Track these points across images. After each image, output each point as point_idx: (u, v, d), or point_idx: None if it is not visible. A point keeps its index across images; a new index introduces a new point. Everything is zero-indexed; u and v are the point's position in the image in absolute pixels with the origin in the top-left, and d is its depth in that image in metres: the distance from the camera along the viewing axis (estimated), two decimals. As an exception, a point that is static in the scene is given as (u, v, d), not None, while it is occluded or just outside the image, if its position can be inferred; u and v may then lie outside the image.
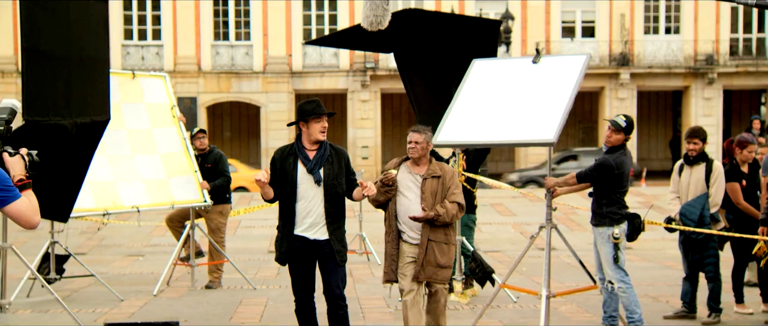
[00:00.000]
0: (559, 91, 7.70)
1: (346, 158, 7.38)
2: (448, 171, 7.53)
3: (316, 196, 7.14)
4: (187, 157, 11.27)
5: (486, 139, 8.13)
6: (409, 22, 9.62)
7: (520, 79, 8.14)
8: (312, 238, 7.16)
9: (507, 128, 7.78)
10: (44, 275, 10.55)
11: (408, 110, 34.60)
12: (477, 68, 8.47)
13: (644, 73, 33.27)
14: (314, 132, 7.14)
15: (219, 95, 32.68)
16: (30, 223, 4.77)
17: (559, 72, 7.95)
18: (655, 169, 34.72)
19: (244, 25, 32.85)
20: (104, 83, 8.33)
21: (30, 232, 16.55)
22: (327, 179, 7.13)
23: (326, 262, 7.24)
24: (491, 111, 8.00)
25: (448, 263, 7.52)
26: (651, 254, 14.99)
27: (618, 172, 8.20)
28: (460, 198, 7.41)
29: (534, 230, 8.54)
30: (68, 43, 7.79)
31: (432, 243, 7.42)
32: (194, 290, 11.47)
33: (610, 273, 8.25)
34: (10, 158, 4.93)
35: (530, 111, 7.71)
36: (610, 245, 8.22)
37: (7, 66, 31.25)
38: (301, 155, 7.17)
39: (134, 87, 11.29)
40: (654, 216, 11.00)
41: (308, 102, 7.25)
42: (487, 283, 10.21)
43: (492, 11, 31.93)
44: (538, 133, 7.49)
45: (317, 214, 7.15)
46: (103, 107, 8.27)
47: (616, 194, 8.26)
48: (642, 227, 8.37)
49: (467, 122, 8.02)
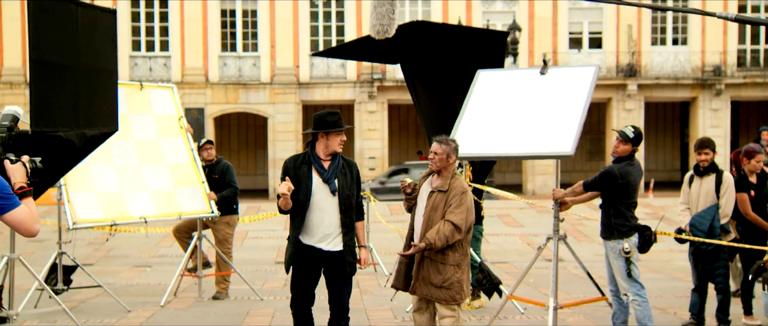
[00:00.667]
0: (570, 102, 7.61)
1: (357, 171, 7.38)
2: (456, 187, 7.20)
3: (331, 206, 7.12)
4: (195, 168, 11.28)
5: (502, 151, 7.94)
6: (416, 33, 9.62)
7: (528, 91, 8.06)
8: (325, 249, 7.14)
9: (522, 140, 7.63)
10: (52, 286, 10.55)
11: (415, 121, 34.61)
12: (483, 79, 8.40)
13: (652, 84, 33.22)
14: (333, 144, 7.13)
15: (226, 106, 32.73)
16: (30, 231, 4.76)
17: (568, 83, 7.87)
18: (663, 180, 34.65)
19: (252, 37, 32.91)
20: (113, 94, 8.34)
21: (37, 243, 16.58)
22: (341, 189, 7.13)
23: (337, 273, 7.22)
24: (503, 123, 7.86)
25: (444, 283, 7.13)
26: (659, 265, 14.94)
27: (622, 182, 8.17)
28: (455, 217, 7.05)
29: (541, 241, 8.51)
30: (76, 55, 7.79)
31: (427, 260, 7.19)
32: (201, 301, 11.47)
33: (626, 286, 8.21)
34: (11, 166, 4.93)
35: (544, 123, 7.60)
36: (622, 260, 8.18)
37: (15, 77, 31.33)
38: (317, 165, 7.15)
39: (142, 98, 11.31)
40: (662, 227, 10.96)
41: (330, 113, 7.22)
42: (494, 294, 10.19)
43: (499, 22, 31.96)
44: (556, 145, 7.37)
45: (332, 225, 7.14)
46: (111, 118, 8.28)
47: (622, 206, 8.22)
48: (654, 238, 8.33)
49: (479, 134, 7.85)
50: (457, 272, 7.17)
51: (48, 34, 7.52)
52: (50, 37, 7.54)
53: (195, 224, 11.49)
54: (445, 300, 7.18)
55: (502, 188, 17.57)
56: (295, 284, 7.27)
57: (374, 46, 9.10)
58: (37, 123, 7.23)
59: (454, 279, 7.16)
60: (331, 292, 7.29)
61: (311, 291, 7.29)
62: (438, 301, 7.23)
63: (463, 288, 7.22)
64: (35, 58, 7.40)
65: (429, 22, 11.24)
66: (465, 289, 7.23)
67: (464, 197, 7.14)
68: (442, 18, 31.98)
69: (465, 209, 7.10)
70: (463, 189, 7.19)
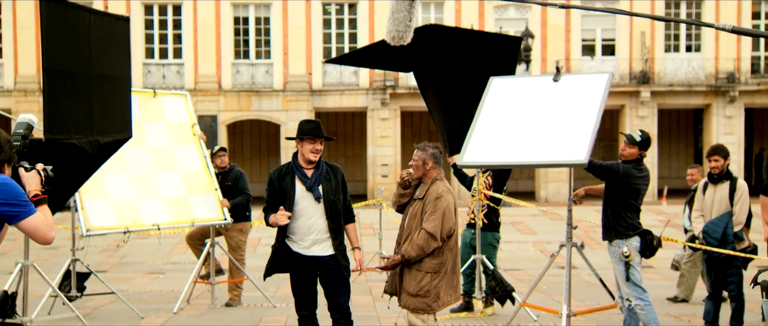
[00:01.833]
0: (584, 110, 7.56)
1: (342, 175, 7.46)
2: (431, 193, 7.11)
3: (316, 212, 7.24)
4: (208, 175, 11.30)
5: (515, 159, 7.85)
6: (429, 37, 9.59)
7: (541, 98, 8.01)
8: (314, 255, 7.23)
9: (535, 148, 7.55)
10: (65, 292, 10.58)
11: (428, 128, 34.58)
12: (495, 87, 8.36)
13: (665, 91, 33.10)
14: (306, 152, 7.29)
15: (239, 113, 32.77)
16: (44, 239, 4.78)
17: (582, 90, 7.82)
18: (676, 187, 34.50)
19: (265, 44, 32.95)
20: (126, 101, 8.38)
21: (51, 250, 16.63)
22: (326, 195, 7.24)
23: (332, 277, 7.30)
24: (516, 131, 7.79)
25: (419, 291, 7.01)
26: (672, 272, 14.88)
27: (623, 180, 8.17)
28: (428, 224, 6.94)
29: (554, 248, 8.51)
30: (89, 62, 7.82)
31: (405, 268, 7.12)
32: (214, 308, 11.48)
33: (627, 291, 8.21)
34: (26, 173, 4.96)
35: (557, 131, 7.55)
36: (622, 263, 8.18)
37: (29, 85, 31.45)
38: (299, 173, 7.29)
39: (155, 105, 11.34)
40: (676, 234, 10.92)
41: (308, 121, 7.39)
42: (507, 302, 10.17)
43: (512, 29, 31.92)
44: (569, 153, 7.32)
45: (319, 230, 7.24)
46: (125, 125, 8.31)
47: (621, 206, 8.22)
48: (656, 243, 8.31)
49: (492, 142, 7.78)
50: (433, 279, 7.03)
51: (61, 41, 7.55)
52: (63, 44, 7.57)
53: (208, 231, 11.51)
54: (420, 308, 7.03)
55: (514, 195, 17.54)
56: (295, 291, 7.39)
57: (387, 53, 9.10)
58: (51, 131, 7.25)
59: (430, 287, 7.02)
60: (329, 297, 7.38)
61: (312, 297, 7.38)
62: (412, 310, 7.09)
63: (440, 296, 7.05)
64: (48, 66, 7.43)
65: (442, 26, 11.23)
66: (442, 298, 7.06)
67: (438, 203, 7.02)
68: (455, 24, 31.96)
69: (439, 216, 6.97)
70: (437, 195, 7.08)
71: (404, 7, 5.94)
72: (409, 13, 5.99)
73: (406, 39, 6.10)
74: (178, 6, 32.56)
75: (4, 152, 4.83)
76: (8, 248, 15.33)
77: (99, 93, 7.99)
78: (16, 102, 30.98)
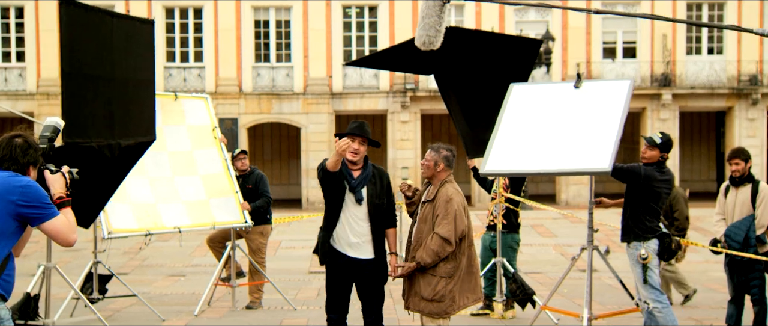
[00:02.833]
0: (606, 116, 7.51)
1: (388, 179, 7.42)
2: (441, 196, 7.08)
3: (357, 215, 7.18)
4: (228, 178, 11.32)
5: (537, 167, 7.77)
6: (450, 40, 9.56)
7: (563, 105, 7.94)
8: (355, 257, 7.18)
9: (558, 155, 7.50)
10: (87, 294, 10.63)
11: (448, 131, 34.54)
12: (516, 93, 8.31)
13: (686, 93, 32.94)
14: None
15: (260, 116, 32.85)
16: (67, 241, 4.82)
17: (603, 97, 7.75)
18: (698, 190, 34.33)
19: (285, 47, 33.02)
20: (150, 104, 8.40)
21: (73, 252, 16.72)
22: (371, 198, 7.18)
23: (369, 281, 7.26)
24: (538, 138, 7.72)
25: (434, 295, 6.98)
26: (695, 276, 14.80)
27: (645, 183, 8.14)
28: (442, 229, 6.92)
29: (575, 251, 8.48)
30: (111, 66, 7.85)
31: (416, 273, 7.08)
32: (235, 310, 11.50)
33: (644, 293, 8.18)
34: (51, 176, 5.01)
35: (580, 138, 7.49)
36: (639, 266, 8.16)
37: (51, 88, 31.63)
38: (346, 173, 7.23)
39: (176, 109, 11.37)
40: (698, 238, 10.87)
41: (353, 121, 7.34)
42: (527, 305, 10.14)
43: (532, 32, 31.83)
44: (592, 161, 7.28)
45: (357, 233, 7.19)
46: (149, 128, 8.34)
47: (641, 208, 8.19)
48: (675, 247, 8.27)
49: (515, 150, 7.71)
50: (448, 284, 7.01)
51: (81, 45, 7.57)
52: (83, 48, 7.59)
53: (229, 234, 11.54)
54: (436, 313, 7.02)
55: (535, 198, 17.52)
56: (329, 290, 7.34)
57: (408, 55, 9.09)
58: (70, 134, 7.28)
59: (445, 291, 7.00)
60: (364, 300, 7.33)
61: (344, 299, 7.33)
62: (427, 315, 7.07)
63: (455, 300, 7.03)
64: (67, 70, 7.45)
65: (463, 28, 11.20)
66: (458, 301, 7.04)
67: (449, 206, 6.99)
68: (475, 27, 31.93)
69: (452, 219, 6.95)
70: (448, 197, 7.05)
71: (435, 12, 5.91)
72: (440, 18, 5.97)
73: (436, 44, 6.08)
74: (199, 9, 32.70)
75: (29, 154, 4.87)
76: (31, 250, 15.43)
77: (121, 97, 8.02)
78: (39, 105, 31.19)
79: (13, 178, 4.75)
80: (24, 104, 31.03)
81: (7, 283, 4.74)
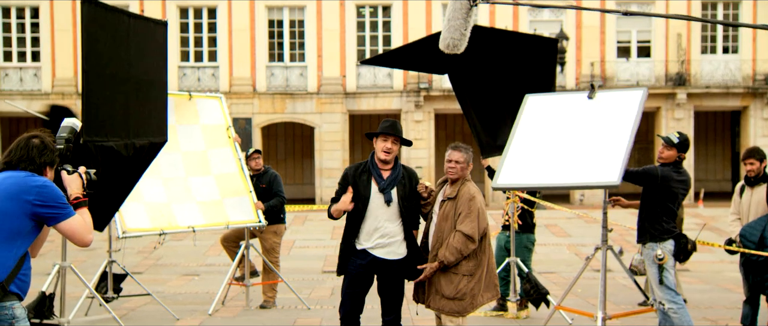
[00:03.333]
0: (617, 128, 7.48)
1: (417, 180, 7.41)
2: (464, 194, 7.09)
3: (385, 215, 7.17)
4: (242, 177, 11.34)
5: (548, 181, 7.73)
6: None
7: (576, 116, 7.88)
8: (380, 257, 7.17)
9: (568, 169, 7.47)
10: (102, 294, 10.67)
11: (462, 131, 34.52)
12: (531, 105, 8.26)
13: (701, 93, 32.80)
14: (378, 150, 7.22)
15: (273, 116, 32.89)
16: (83, 241, 4.85)
17: (616, 108, 7.70)
18: (713, 190, 34.21)
19: (299, 47, 33.05)
20: (162, 105, 8.42)
21: (88, 251, 16.78)
22: (400, 200, 7.17)
23: (391, 281, 7.25)
24: (551, 151, 7.67)
25: (456, 294, 6.98)
26: (709, 276, 14.76)
27: (662, 184, 8.10)
28: (465, 227, 6.92)
29: (589, 251, 8.46)
30: (128, 66, 7.87)
31: (438, 271, 7.07)
32: (249, 309, 11.53)
33: (659, 294, 8.14)
34: (68, 176, 5.04)
35: (590, 151, 7.46)
36: (655, 266, 8.12)
37: (67, 88, 31.78)
38: (375, 173, 7.22)
39: (190, 108, 11.40)
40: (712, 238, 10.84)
41: (385, 120, 7.35)
42: (541, 305, 10.13)
43: (546, 31, 31.78)
44: (601, 175, 7.24)
45: (385, 234, 7.17)
46: (161, 128, 8.35)
47: (658, 208, 8.16)
48: (691, 247, 8.24)
49: (527, 163, 7.69)
50: (470, 282, 7.02)
51: (101, 44, 7.60)
52: (103, 48, 7.62)
53: (242, 233, 11.56)
54: (456, 311, 7.02)
55: (549, 198, 17.48)
56: (347, 289, 7.31)
57: (422, 54, 9.08)
58: (88, 133, 7.31)
59: (467, 290, 7.01)
60: (384, 299, 7.33)
61: (362, 298, 7.32)
62: (447, 313, 7.07)
63: (475, 299, 7.05)
64: (88, 69, 7.48)
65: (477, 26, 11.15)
66: (477, 300, 7.05)
67: (472, 204, 7.00)
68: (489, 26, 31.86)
69: (475, 217, 6.96)
70: (471, 195, 7.06)
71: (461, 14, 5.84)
72: (466, 21, 5.91)
73: (461, 47, 6.02)
74: (213, 9, 32.77)
75: (46, 155, 4.90)
76: (46, 249, 15.46)
77: (136, 96, 8.04)
78: (54, 105, 31.29)
79: (30, 178, 4.77)
80: (39, 104, 31.13)
81: (23, 282, 4.77)
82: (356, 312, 7.32)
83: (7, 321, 4.65)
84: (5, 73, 32.51)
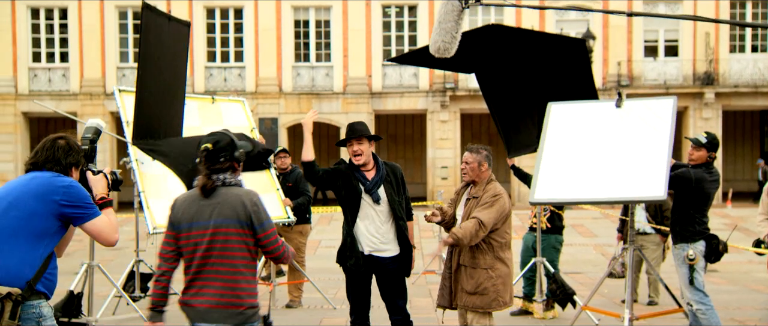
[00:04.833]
0: (653, 139, 7.39)
1: (401, 173, 7.44)
2: (489, 190, 7.06)
3: (377, 215, 7.20)
4: (269, 175, 11.36)
5: (588, 196, 7.68)
6: (491, 37, 9.50)
7: (606, 126, 7.77)
8: (378, 256, 7.21)
9: (608, 183, 7.35)
10: (129, 293, 10.72)
11: (488, 131, 34.45)
12: (555, 114, 8.16)
13: (730, 92, 32.56)
14: (350, 156, 7.28)
15: (300, 116, 32.92)
16: (108, 241, 4.90)
17: (647, 118, 7.62)
18: (742, 190, 33.95)
19: (325, 47, 33.12)
20: (181, 105, 8.49)
21: (115, 250, 16.88)
22: (390, 197, 7.21)
23: (393, 277, 7.28)
24: (586, 164, 7.54)
25: (477, 288, 6.94)
26: (738, 277, 14.64)
27: (696, 186, 8.03)
28: (481, 214, 6.85)
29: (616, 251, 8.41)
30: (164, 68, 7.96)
31: (461, 268, 7.05)
32: (275, 309, 11.54)
33: (688, 294, 8.09)
34: (93, 177, 5.09)
35: (629, 163, 7.37)
36: (686, 266, 8.06)
37: (94, 88, 31.98)
38: (360, 176, 7.26)
39: (214, 111, 11.43)
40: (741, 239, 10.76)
41: (352, 123, 7.48)
42: (568, 305, 10.08)
43: (573, 30, 31.67)
44: (646, 189, 7.15)
45: (378, 233, 7.21)
46: (177, 130, 8.42)
47: (691, 210, 8.09)
48: (722, 248, 8.17)
49: (563, 177, 7.55)
50: (490, 277, 6.95)
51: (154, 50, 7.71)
52: (154, 52, 7.73)
53: (268, 232, 11.56)
54: (481, 306, 6.96)
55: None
56: (348, 288, 7.37)
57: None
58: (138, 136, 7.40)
59: (488, 285, 6.94)
60: (387, 299, 7.37)
61: (364, 295, 7.36)
62: (471, 309, 7.02)
63: (500, 295, 6.97)
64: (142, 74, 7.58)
65: (504, 26, 11.12)
66: (502, 297, 6.98)
67: (496, 201, 6.96)
68: (515, 25, 31.79)
69: (495, 211, 6.91)
70: (495, 193, 7.03)
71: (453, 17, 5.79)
72: (457, 24, 5.86)
73: (451, 51, 5.99)
74: (239, 9, 32.88)
75: (72, 156, 4.94)
76: (74, 249, 15.59)
77: (166, 98, 8.12)
78: (82, 105, 31.53)
79: (56, 178, 4.81)
80: (67, 104, 31.38)
81: (50, 282, 4.80)
82: (363, 309, 7.37)
83: (34, 320, 4.69)
84: (34, 74, 32.76)
